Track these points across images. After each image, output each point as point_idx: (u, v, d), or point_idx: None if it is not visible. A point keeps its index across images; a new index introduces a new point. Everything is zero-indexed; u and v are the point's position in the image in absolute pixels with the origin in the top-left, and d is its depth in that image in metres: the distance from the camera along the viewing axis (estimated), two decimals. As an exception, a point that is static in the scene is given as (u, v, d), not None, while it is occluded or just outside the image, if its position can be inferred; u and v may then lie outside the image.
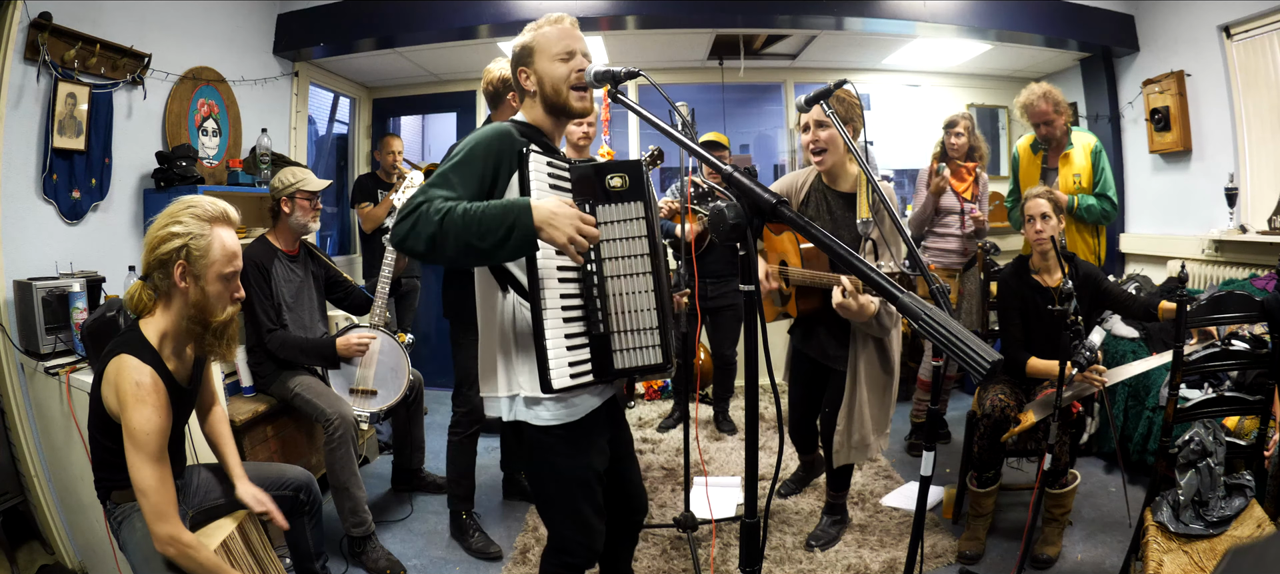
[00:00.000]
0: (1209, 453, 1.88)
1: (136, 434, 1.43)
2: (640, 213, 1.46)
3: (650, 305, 1.45)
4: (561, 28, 1.48)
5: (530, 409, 1.43)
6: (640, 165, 1.48)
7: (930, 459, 1.40)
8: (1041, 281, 2.39)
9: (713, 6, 3.58)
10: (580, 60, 1.46)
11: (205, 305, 1.54)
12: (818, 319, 2.23)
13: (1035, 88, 3.07)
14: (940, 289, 1.30)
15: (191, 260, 1.50)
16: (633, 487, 1.71)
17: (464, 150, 1.36)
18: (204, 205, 1.54)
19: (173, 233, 1.49)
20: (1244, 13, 3.26)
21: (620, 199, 1.44)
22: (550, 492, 1.51)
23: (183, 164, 2.85)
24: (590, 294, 1.40)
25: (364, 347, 2.49)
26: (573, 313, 1.38)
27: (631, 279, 1.44)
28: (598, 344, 1.40)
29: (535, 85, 1.47)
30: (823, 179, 2.22)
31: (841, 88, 1.80)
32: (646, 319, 1.45)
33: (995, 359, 0.81)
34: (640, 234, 1.46)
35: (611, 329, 1.41)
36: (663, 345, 1.46)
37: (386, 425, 3.33)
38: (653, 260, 1.47)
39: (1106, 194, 3.06)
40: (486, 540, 2.46)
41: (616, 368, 1.42)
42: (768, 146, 5.83)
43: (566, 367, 1.34)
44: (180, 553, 1.47)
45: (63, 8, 2.44)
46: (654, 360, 1.45)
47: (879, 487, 2.90)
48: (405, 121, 5.23)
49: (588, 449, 1.49)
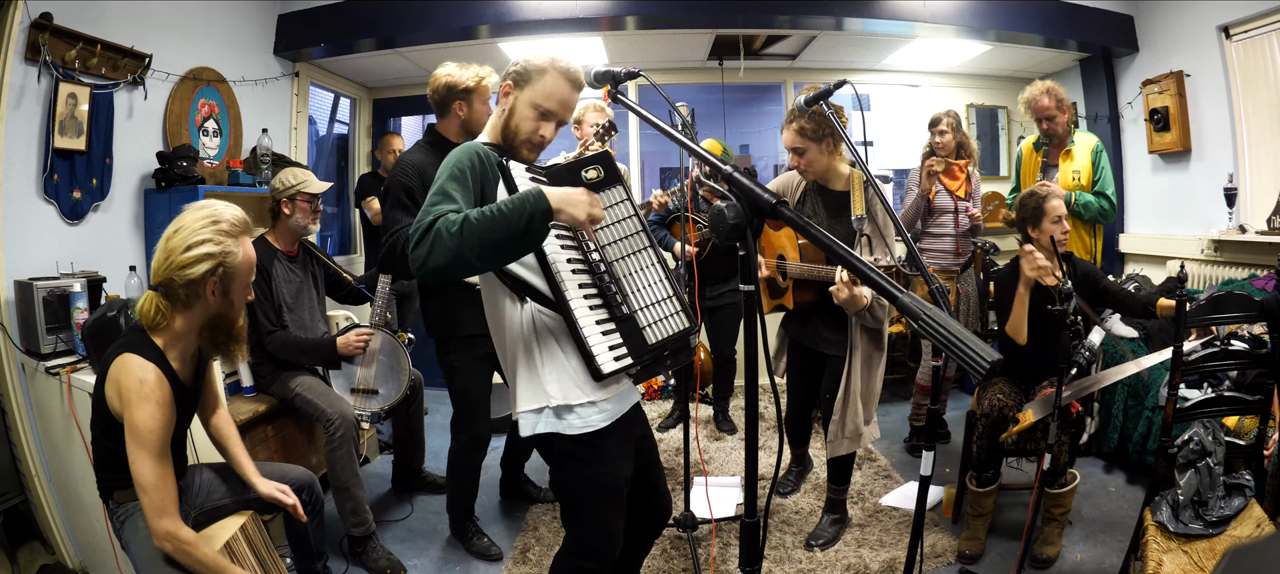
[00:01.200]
0: (1208, 453, 1.88)
1: (139, 431, 1.44)
2: (623, 196, 1.53)
3: (659, 277, 1.52)
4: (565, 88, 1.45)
5: (561, 419, 1.41)
6: (608, 156, 1.54)
7: (930, 459, 1.40)
8: (1041, 281, 2.39)
9: (713, 6, 3.58)
10: (552, 127, 1.47)
11: (229, 314, 1.58)
12: (813, 310, 2.28)
13: (1039, 84, 3.07)
14: (939, 289, 1.31)
15: (226, 277, 1.52)
16: (658, 492, 1.70)
17: (451, 167, 1.35)
18: (226, 219, 1.52)
19: (207, 254, 1.47)
20: (1243, 13, 3.27)
21: (601, 188, 1.49)
22: (580, 500, 1.50)
23: (183, 164, 2.85)
24: (603, 281, 1.42)
25: (363, 344, 2.49)
26: (594, 301, 1.40)
27: (636, 257, 1.51)
28: (626, 326, 1.42)
29: (506, 111, 1.48)
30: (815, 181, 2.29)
31: (841, 88, 1.81)
32: (660, 290, 1.51)
33: (995, 359, 0.81)
34: (629, 215, 1.53)
35: (634, 307, 1.44)
36: (684, 309, 1.51)
37: (387, 425, 3.34)
38: (647, 236, 1.54)
39: (1105, 193, 3.06)
40: (487, 542, 2.46)
41: (650, 343, 1.42)
42: (768, 146, 5.84)
43: (608, 352, 1.36)
44: (177, 549, 1.47)
45: (63, 8, 2.44)
46: (681, 326, 1.49)
47: (879, 487, 2.90)
48: (405, 122, 5.23)
49: (618, 456, 1.48)
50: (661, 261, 1.54)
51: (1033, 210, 2.39)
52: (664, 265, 1.54)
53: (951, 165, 3.22)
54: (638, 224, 1.53)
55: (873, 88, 4.77)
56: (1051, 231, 2.35)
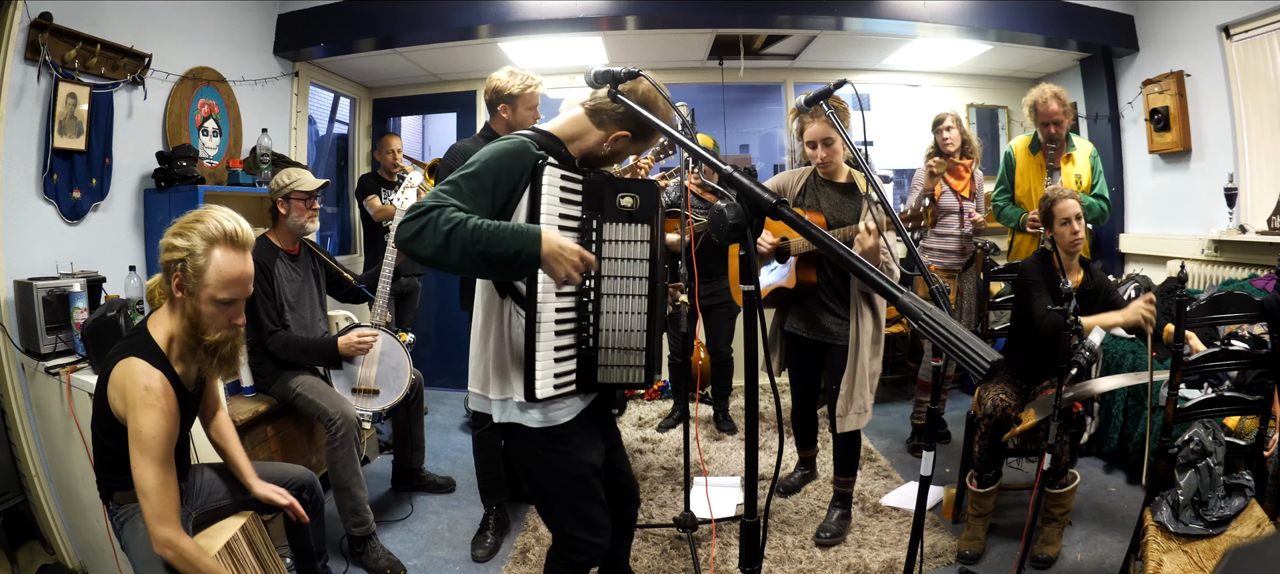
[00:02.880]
0: (1209, 453, 1.88)
1: (144, 438, 1.43)
2: (645, 235, 1.46)
3: (641, 326, 1.48)
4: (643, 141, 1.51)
5: (524, 413, 1.43)
6: (654, 187, 1.48)
7: (930, 459, 1.40)
8: (1061, 276, 2.39)
9: (713, 6, 3.58)
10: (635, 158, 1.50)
11: (198, 322, 1.51)
12: (814, 293, 2.36)
13: (1046, 88, 3.07)
14: (940, 289, 1.30)
15: (186, 276, 1.48)
16: (624, 478, 1.72)
17: (479, 162, 1.35)
18: (212, 224, 1.49)
19: (175, 245, 1.48)
20: (1244, 13, 3.26)
21: (628, 219, 1.45)
22: (550, 492, 1.51)
23: (183, 164, 2.85)
24: (584, 310, 1.43)
25: (366, 345, 2.49)
26: (565, 325, 1.41)
27: (626, 299, 1.47)
28: (584, 358, 1.44)
29: (596, 137, 1.48)
30: (820, 174, 2.38)
31: (841, 87, 1.81)
32: (635, 340, 1.48)
33: (995, 359, 0.81)
34: (641, 257, 1.47)
35: (600, 346, 1.45)
36: (646, 366, 1.50)
37: (387, 425, 3.34)
38: (650, 283, 1.48)
39: (1103, 195, 3.08)
40: (495, 543, 2.46)
41: (599, 381, 1.47)
42: (768, 146, 5.84)
43: (551, 378, 1.38)
44: (178, 557, 1.47)
45: (63, 8, 2.44)
46: (635, 380, 1.49)
47: (879, 487, 2.90)
48: (405, 121, 5.23)
49: (583, 446, 1.50)
50: (655, 310, 1.49)
51: (1044, 212, 2.43)
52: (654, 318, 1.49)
53: (957, 164, 3.22)
54: (647, 268, 1.47)
55: (873, 88, 4.77)
56: (1061, 232, 2.37)
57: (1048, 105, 3.04)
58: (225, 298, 1.51)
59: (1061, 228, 2.38)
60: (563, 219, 1.38)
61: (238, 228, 1.52)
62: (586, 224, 1.42)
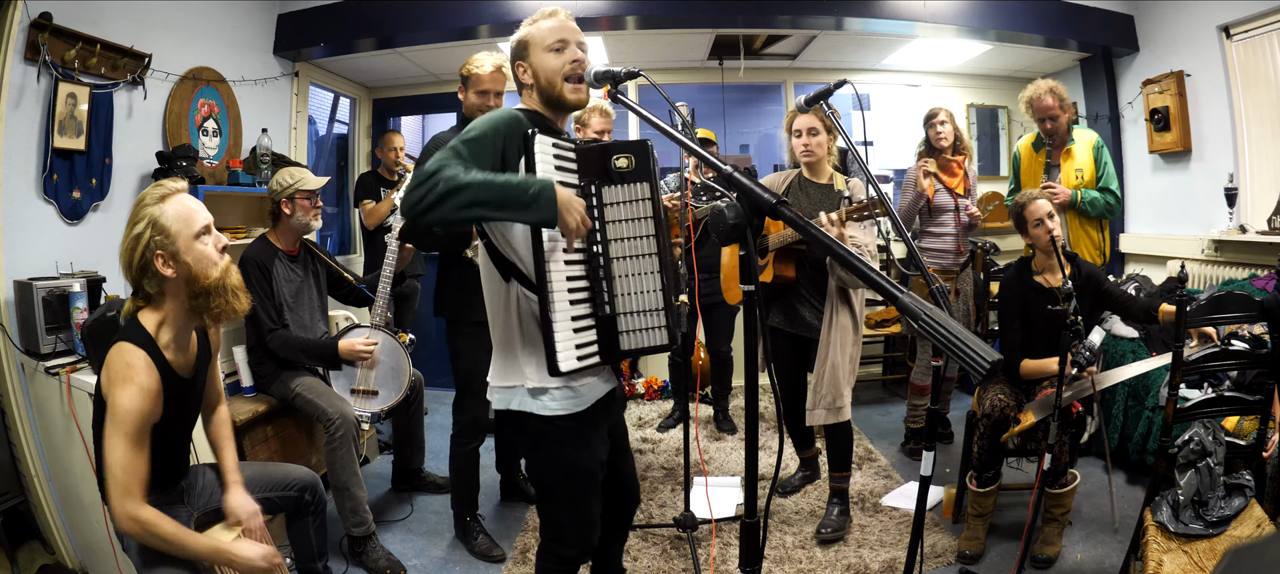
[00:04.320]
0: (1208, 453, 1.88)
1: (117, 412, 1.41)
2: (645, 193, 1.45)
3: (656, 286, 1.46)
4: (556, 21, 1.48)
5: (536, 400, 1.43)
6: (646, 145, 1.47)
7: (930, 459, 1.40)
8: (1043, 282, 2.39)
9: (713, 6, 3.58)
10: (574, 51, 1.46)
11: (194, 274, 1.51)
12: (793, 287, 2.42)
13: (1041, 83, 3.06)
14: (939, 289, 1.30)
15: (163, 242, 1.48)
16: (627, 478, 1.72)
17: (476, 129, 1.35)
18: (146, 197, 1.53)
19: (135, 234, 1.48)
20: (1244, 13, 3.26)
21: (625, 180, 1.44)
22: (553, 482, 1.51)
23: (183, 164, 2.84)
24: (596, 276, 1.41)
25: (368, 353, 2.49)
26: (579, 295, 1.39)
27: (637, 260, 1.45)
28: (604, 326, 1.41)
29: (531, 78, 1.48)
30: (803, 175, 2.49)
31: (841, 87, 1.81)
32: (651, 299, 1.45)
33: (995, 359, 0.81)
34: (645, 215, 1.46)
35: (618, 310, 1.42)
36: (668, 326, 1.47)
37: (387, 425, 3.34)
38: (658, 241, 1.47)
39: (1109, 188, 3.04)
40: (490, 542, 2.46)
41: (623, 348, 1.43)
42: (768, 146, 5.84)
43: (573, 349, 1.35)
44: (143, 530, 1.43)
45: (63, 8, 2.44)
46: (659, 341, 1.46)
47: (879, 487, 2.90)
48: (405, 121, 5.23)
49: (592, 439, 1.49)
50: (665, 269, 1.48)
51: (1016, 219, 2.45)
52: (666, 276, 1.48)
53: (949, 162, 3.20)
54: (652, 226, 1.46)
55: (873, 87, 4.77)
56: (1035, 235, 2.37)
57: (1042, 99, 3.02)
58: (199, 230, 1.53)
59: (1035, 230, 2.37)
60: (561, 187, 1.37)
61: (165, 183, 1.56)
62: (585, 191, 1.41)
